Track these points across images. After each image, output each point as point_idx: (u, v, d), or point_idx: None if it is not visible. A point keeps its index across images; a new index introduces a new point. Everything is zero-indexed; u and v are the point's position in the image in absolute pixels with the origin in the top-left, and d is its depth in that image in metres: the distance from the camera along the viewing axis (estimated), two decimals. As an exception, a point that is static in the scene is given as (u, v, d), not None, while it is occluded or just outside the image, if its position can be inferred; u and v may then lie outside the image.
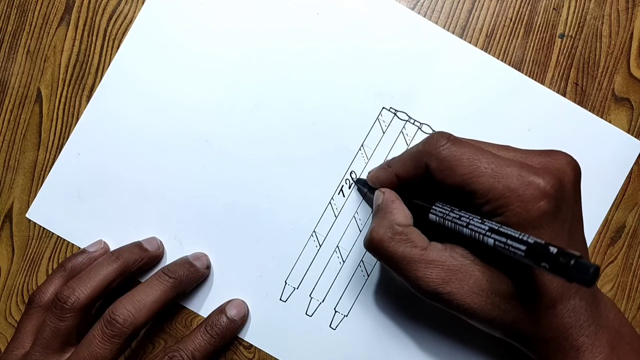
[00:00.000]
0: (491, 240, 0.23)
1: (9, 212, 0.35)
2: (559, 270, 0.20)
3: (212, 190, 0.34)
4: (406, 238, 0.26)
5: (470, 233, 0.24)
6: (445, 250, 0.26)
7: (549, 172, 0.24)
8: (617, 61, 0.34)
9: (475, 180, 0.24)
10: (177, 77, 0.34)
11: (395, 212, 0.27)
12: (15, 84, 0.35)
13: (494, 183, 0.24)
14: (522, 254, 0.22)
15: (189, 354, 0.30)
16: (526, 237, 0.22)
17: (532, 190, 0.23)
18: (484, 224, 0.24)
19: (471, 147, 0.25)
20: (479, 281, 0.25)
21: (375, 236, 0.27)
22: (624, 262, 0.34)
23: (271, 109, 0.34)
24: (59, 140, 0.34)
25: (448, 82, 0.34)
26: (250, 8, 0.34)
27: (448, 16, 0.34)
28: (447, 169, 0.25)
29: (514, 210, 0.23)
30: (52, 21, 0.35)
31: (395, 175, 0.28)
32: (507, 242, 0.22)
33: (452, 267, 0.25)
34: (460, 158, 0.25)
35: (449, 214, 0.26)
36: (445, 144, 0.25)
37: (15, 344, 0.30)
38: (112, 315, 0.28)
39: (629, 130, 0.34)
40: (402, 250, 0.26)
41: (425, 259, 0.25)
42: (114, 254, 0.31)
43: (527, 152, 0.26)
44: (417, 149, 0.27)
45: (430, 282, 0.25)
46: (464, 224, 0.25)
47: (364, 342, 0.33)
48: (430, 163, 0.26)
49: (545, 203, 0.23)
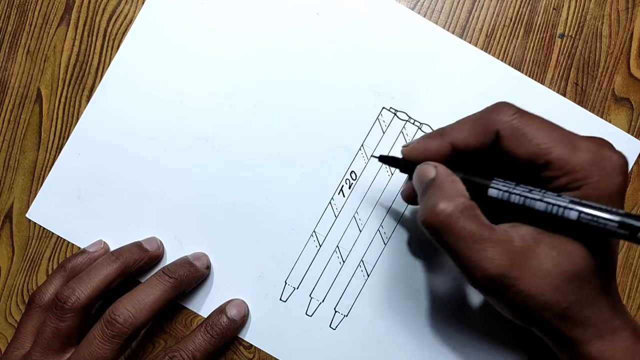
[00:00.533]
0: (575, 213, 0.22)
1: (9, 212, 0.35)
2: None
3: (212, 190, 0.34)
4: (475, 213, 0.23)
5: (546, 207, 0.23)
6: (510, 231, 0.24)
7: (615, 151, 0.24)
8: (617, 61, 0.34)
9: (553, 151, 0.23)
10: (177, 77, 0.34)
11: (459, 184, 0.25)
12: (15, 84, 0.35)
13: (574, 155, 0.23)
14: (616, 225, 0.21)
15: (189, 354, 0.30)
16: (615, 209, 0.21)
17: (613, 164, 0.23)
18: (563, 197, 0.23)
19: (542, 119, 0.24)
20: (544, 264, 0.23)
21: (442, 209, 0.23)
22: (624, 262, 0.34)
23: (271, 109, 0.34)
24: (59, 140, 0.34)
25: (448, 82, 0.34)
26: (250, 8, 0.34)
27: (448, 16, 0.34)
28: (521, 137, 0.24)
29: (595, 183, 0.23)
30: (52, 21, 0.35)
31: (451, 145, 0.26)
32: (596, 215, 0.21)
33: (520, 249, 0.23)
34: (535, 128, 0.24)
35: (514, 188, 0.24)
36: (516, 112, 0.24)
37: (16, 344, 0.30)
38: (112, 315, 0.28)
39: (629, 130, 0.34)
40: (470, 227, 0.23)
41: (494, 238, 0.23)
42: (114, 254, 0.31)
43: None
44: (484, 115, 0.25)
45: (498, 264, 0.23)
46: (537, 197, 0.23)
47: (364, 342, 0.33)
48: (502, 130, 0.24)
49: (622, 179, 0.23)
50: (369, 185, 0.34)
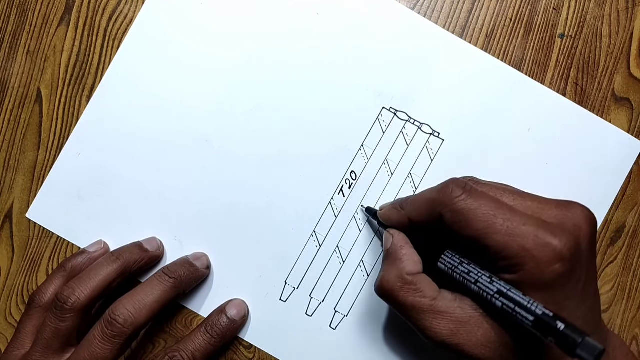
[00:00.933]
0: (499, 303, 0.23)
1: (9, 212, 0.35)
2: (564, 346, 0.20)
3: (212, 190, 0.34)
4: (415, 288, 0.26)
5: (478, 291, 0.24)
6: (455, 301, 0.26)
7: (565, 231, 0.24)
8: (617, 61, 0.34)
9: (490, 237, 0.24)
10: (177, 77, 0.34)
11: (405, 260, 0.27)
12: (15, 84, 0.35)
13: (509, 242, 0.23)
14: (530, 324, 0.22)
15: (189, 354, 0.30)
16: (535, 306, 0.22)
17: (548, 253, 0.23)
18: (493, 285, 0.24)
19: (487, 199, 0.25)
20: (487, 334, 0.25)
21: (385, 285, 0.27)
22: (624, 262, 0.34)
23: (271, 109, 0.34)
24: (59, 140, 0.34)
25: (448, 82, 0.34)
26: (250, 8, 0.34)
27: (448, 16, 0.34)
28: (461, 221, 0.25)
29: (529, 270, 0.23)
30: (52, 21, 0.35)
31: (407, 219, 0.28)
32: (515, 309, 0.22)
33: (461, 319, 0.25)
34: (475, 212, 0.24)
35: (457, 266, 0.26)
36: (460, 195, 0.25)
37: (16, 344, 0.30)
38: (112, 315, 0.28)
39: (629, 130, 0.34)
40: (411, 300, 0.26)
41: (434, 309, 0.25)
42: (114, 254, 0.31)
43: (544, 202, 0.26)
44: (432, 196, 0.26)
45: (438, 333, 0.25)
46: (472, 280, 0.25)
47: (364, 342, 0.33)
48: (444, 214, 0.25)
49: (560, 266, 0.23)
50: (369, 185, 0.34)
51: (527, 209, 0.25)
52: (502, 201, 0.25)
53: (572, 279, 0.24)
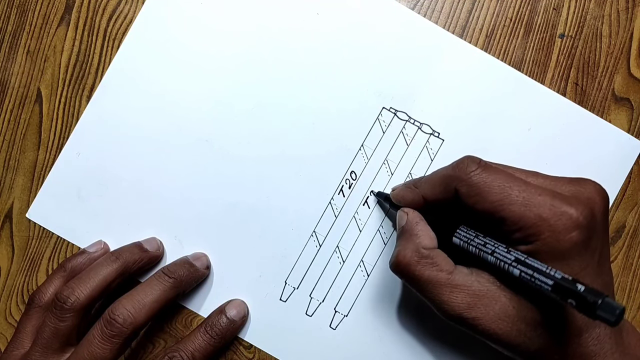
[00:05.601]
0: (517, 271, 0.23)
1: (9, 212, 0.35)
2: (585, 308, 0.20)
3: (212, 190, 0.34)
4: (432, 262, 0.26)
5: (495, 261, 0.24)
6: (471, 275, 0.25)
7: (580, 202, 0.24)
8: (617, 61, 0.34)
9: (506, 208, 0.24)
10: (177, 77, 0.34)
11: (421, 235, 0.27)
12: (15, 84, 0.35)
13: (526, 212, 0.24)
14: (549, 289, 0.21)
15: (189, 354, 0.30)
16: (553, 271, 0.22)
17: (565, 221, 0.23)
18: (510, 254, 0.24)
19: (502, 173, 0.25)
20: (505, 307, 0.24)
21: (401, 259, 0.27)
22: (624, 262, 0.34)
23: (271, 109, 0.34)
24: (59, 140, 0.34)
25: (448, 82, 0.34)
26: (250, 8, 0.34)
27: (448, 16, 0.34)
28: (477, 194, 0.25)
29: (545, 240, 0.23)
30: (52, 21, 0.35)
31: (422, 197, 0.28)
32: (534, 275, 0.22)
33: (478, 292, 0.25)
34: (491, 185, 0.25)
35: (473, 239, 0.25)
36: (475, 169, 0.25)
37: (15, 344, 0.30)
38: (111, 315, 0.28)
39: (629, 130, 0.34)
40: (428, 274, 0.26)
41: (450, 282, 0.25)
42: (114, 254, 0.31)
43: (556, 179, 0.26)
44: (447, 172, 0.27)
45: (455, 306, 0.25)
46: (489, 251, 0.24)
47: (364, 342, 0.33)
48: (460, 188, 0.25)
49: (577, 234, 0.23)
50: (369, 185, 0.34)
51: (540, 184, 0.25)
52: (516, 175, 0.25)
53: (589, 249, 0.24)
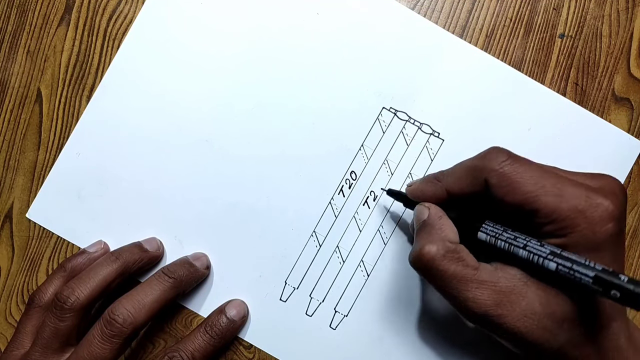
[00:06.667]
0: (553, 264, 0.22)
1: (9, 212, 0.35)
2: (629, 299, 0.20)
3: (212, 190, 0.34)
4: (459, 256, 0.25)
5: (528, 255, 0.24)
6: (497, 271, 0.25)
7: (612, 194, 0.24)
8: (617, 61, 0.34)
9: (540, 199, 0.23)
10: (177, 77, 0.34)
11: (445, 229, 0.26)
12: (15, 84, 0.35)
13: (560, 203, 0.23)
14: (590, 281, 0.21)
15: (189, 354, 0.30)
16: (593, 263, 0.21)
17: (601, 212, 0.23)
18: (545, 247, 0.23)
19: (533, 164, 0.25)
20: (531, 304, 0.24)
21: (426, 253, 0.25)
22: (624, 262, 0.34)
23: (271, 109, 0.34)
24: (59, 140, 0.34)
25: (448, 82, 0.34)
26: (250, 8, 0.34)
27: (448, 16, 0.34)
28: (509, 185, 0.24)
29: (581, 231, 0.23)
30: (52, 21, 0.35)
31: (446, 191, 0.27)
32: (573, 268, 0.22)
33: (504, 289, 0.24)
34: (523, 175, 0.24)
35: (501, 233, 0.25)
36: (506, 159, 0.25)
37: (15, 344, 0.30)
38: (111, 315, 0.28)
39: (629, 130, 0.34)
40: (454, 269, 0.25)
41: (477, 279, 0.24)
42: (114, 254, 0.31)
43: (576, 173, 0.25)
44: (475, 163, 0.26)
45: (482, 303, 0.24)
46: (521, 245, 0.24)
47: (364, 342, 0.33)
48: (490, 179, 0.25)
49: (612, 225, 0.23)
50: (369, 185, 0.34)
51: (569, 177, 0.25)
52: (546, 167, 0.25)
53: (620, 242, 0.24)
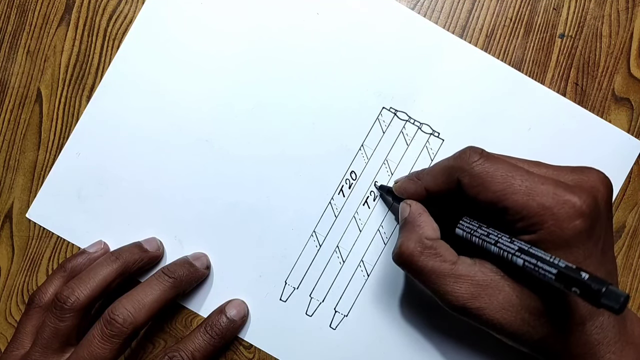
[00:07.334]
0: (520, 260, 0.23)
1: (9, 212, 0.35)
2: (589, 296, 0.20)
3: (212, 190, 0.34)
4: (435, 252, 0.26)
5: (499, 251, 0.24)
6: (475, 265, 0.26)
7: (583, 190, 0.24)
8: (617, 61, 0.34)
9: (509, 197, 0.24)
10: (177, 77, 0.34)
11: (424, 226, 0.27)
12: (15, 84, 0.35)
13: (529, 201, 0.24)
14: (553, 278, 0.21)
15: (189, 354, 0.30)
16: (557, 260, 0.22)
17: (568, 209, 0.23)
18: (514, 244, 0.24)
19: (504, 163, 0.25)
20: (508, 297, 0.25)
21: (405, 250, 0.27)
22: (624, 262, 0.34)
23: (271, 109, 0.34)
24: (59, 140, 0.34)
25: (448, 82, 0.34)
26: (250, 8, 0.34)
27: (448, 16, 0.34)
28: (479, 185, 0.25)
29: (549, 228, 0.23)
30: (52, 21, 0.35)
31: (425, 189, 0.28)
32: (537, 264, 0.22)
33: (482, 282, 0.25)
34: (493, 174, 0.25)
35: (476, 230, 0.26)
36: (478, 159, 0.25)
37: (15, 344, 0.30)
38: (111, 315, 0.28)
39: (629, 130, 0.34)
40: (431, 265, 0.26)
41: (454, 273, 0.25)
42: (114, 255, 0.31)
43: (558, 168, 0.26)
44: (449, 163, 0.27)
45: (459, 296, 0.25)
46: (492, 241, 0.25)
47: (364, 342, 0.33)
48: (462, 179, 0.26)
49: (580, 222, 0.23)
50: (369, 185, 0.34)
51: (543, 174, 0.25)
52: (518, 165, 0.25)
53: (592, 238, 0.24)
